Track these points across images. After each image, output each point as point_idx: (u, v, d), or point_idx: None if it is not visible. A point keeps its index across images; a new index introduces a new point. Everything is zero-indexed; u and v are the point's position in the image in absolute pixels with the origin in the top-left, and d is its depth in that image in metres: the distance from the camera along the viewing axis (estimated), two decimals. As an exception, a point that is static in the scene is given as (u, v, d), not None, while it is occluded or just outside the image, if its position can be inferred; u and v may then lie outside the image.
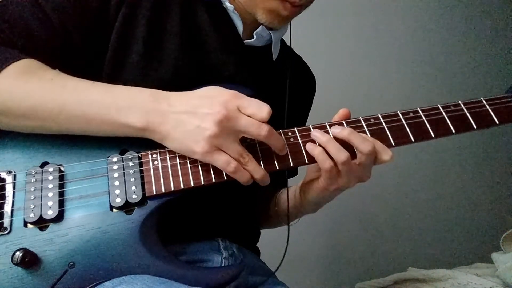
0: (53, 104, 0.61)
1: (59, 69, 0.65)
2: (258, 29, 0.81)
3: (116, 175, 0.64)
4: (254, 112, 0.61)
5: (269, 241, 0.97)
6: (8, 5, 0.68)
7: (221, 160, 0.62)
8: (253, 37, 0.82)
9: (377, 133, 0.68)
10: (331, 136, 0.67)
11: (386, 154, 0.66)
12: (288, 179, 0.88)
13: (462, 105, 0.70)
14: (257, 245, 0.93)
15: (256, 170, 0.64)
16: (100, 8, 0.71)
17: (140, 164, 0.65)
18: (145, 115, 0.61)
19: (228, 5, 0.79)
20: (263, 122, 0.62)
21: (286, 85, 0.85)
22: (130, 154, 0.66)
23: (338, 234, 1.82)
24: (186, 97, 0.63)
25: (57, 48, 0.69)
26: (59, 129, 0.64)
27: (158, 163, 0.65)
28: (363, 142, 0.65)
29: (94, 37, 0.71)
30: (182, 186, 0.64)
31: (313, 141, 0.67)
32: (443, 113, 0.69)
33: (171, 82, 0.69)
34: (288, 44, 0.94)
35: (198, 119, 0.60)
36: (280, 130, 0.68)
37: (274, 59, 0.88)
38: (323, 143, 0.66)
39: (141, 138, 0.64)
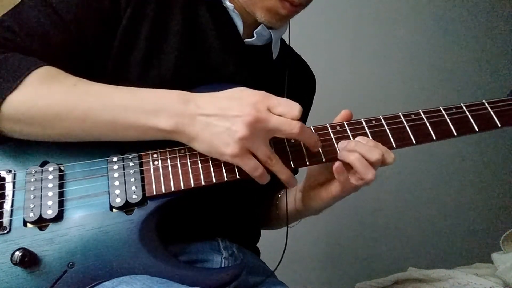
0: (78, 111, 0.61)
1: (63, 70, 0.65)
2: (258, 28, 0.81)
3: (116, 175, 0.64)
4: (285, 111, 0.61)
5: (269, 241, 0.97)
6: (22, 10, 0.67)
7: (250, 165, 0.62)
8: (253, 36, 0.82)
9: (379, 135, 0.68)
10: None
11: (389, 156, 0.67)
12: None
13: (464, 108, 0.70)
14: (257, 245, 0.93)
15: (282, 171, 0.64)
16: (111, 8, 0.70)
17: (141, 164, 0.65)
18: (174, 118, 0.61)
19: (228, 4, 0.79)
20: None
21: (285, 84, 0.85)
22: (130, 154, 0.66)
23: (338, 234, 1.83)
24: (214, 99, 0.63)
25: (70, 51, 0.69)
26: (84, 136, 0.63)
27: (158, 163, 0.65)
28: (370, 151, 0.65)
29: (104, 37, 0.71)
30: (182, 187, 0.64)
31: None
32: (445, 115, 0.69)
33: (172, 81, 0.69)
34: (287, 43, 0.94)
35: (228, 122, 0.60)
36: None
37: (274, 58, 0.88)
38: (351, 162, 0.65)
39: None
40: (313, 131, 0.69)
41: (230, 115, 0.60)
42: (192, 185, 0.64)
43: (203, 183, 0.64)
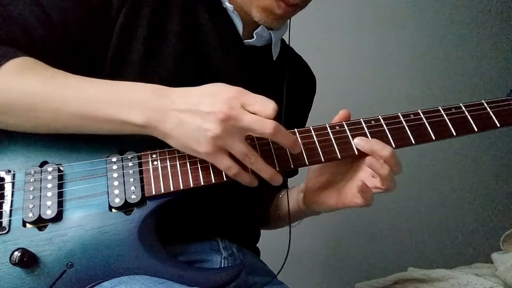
0: (53, 102, 0.60)
1: (59, 68, 0.64)
2: (258, 29, 0.81)
3: (115, 175, 0.64)
4: (259, 109, 0.59)
5: (270, 241, 0.97)
6: (7, 4, 0.67)
7: (223, 164, 0.61)
8: (253, 37, 0.81)
9: (378, 135, 0.68)
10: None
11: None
12: (288, 179, 0.87)
13: (463, 108, 0.70)
14: (257, 245, 0.93)
15: (264, 170, 0.62)
16: (102, 6, 0.70)
17: (140, 165, 0.65)
18: (146, 113, 0.60)
19: (228, 5, 0.79)
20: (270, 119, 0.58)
21: (284, 86, 0.85)
22: (129, 154, 0.66)
23: (338, 234, 1.83)
24: (188, 94, 0.61)
25: (57, 47, 0.69)
26: (59, 127, 0.63)
27: (157, 164, 0.65)
28: (382, 150, 0.65)
29: (95, 35, 0.70)
30: (181, 187, 0.64)
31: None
32: (444, 115, 0.69)
33: (171, 82, 0.69)
34: (287, 43, 0.94)
35: (199, 119, 0.58)
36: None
37: (274, 59, 0.88)
38: (382, 175, 0.66)
39: (141, 137, 0.63)
40: (313, 131, 0.68)
41: (202, 111, 0.58)
42: (191, 185, 0.64)
43: (202, 183, 0.64)
